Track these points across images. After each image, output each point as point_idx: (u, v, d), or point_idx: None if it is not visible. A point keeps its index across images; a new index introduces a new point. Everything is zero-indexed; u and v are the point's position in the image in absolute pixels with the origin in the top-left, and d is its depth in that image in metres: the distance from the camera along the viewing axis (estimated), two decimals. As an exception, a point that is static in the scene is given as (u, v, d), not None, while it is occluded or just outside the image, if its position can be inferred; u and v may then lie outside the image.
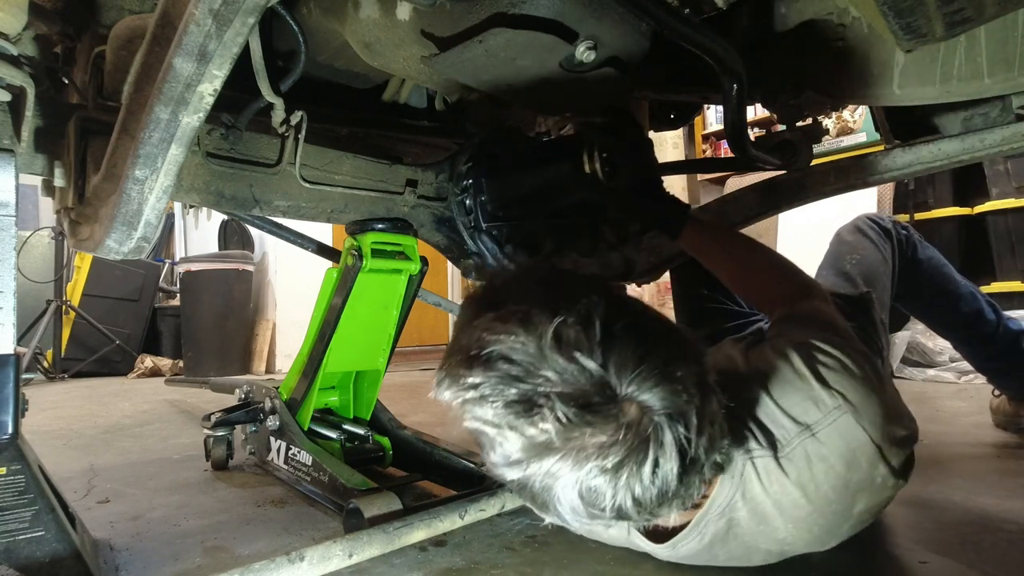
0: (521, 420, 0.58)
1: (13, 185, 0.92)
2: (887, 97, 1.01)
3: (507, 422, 0.58)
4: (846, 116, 3.80)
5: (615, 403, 0.58)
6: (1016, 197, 3.31)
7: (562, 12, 0.73)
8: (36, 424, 2.26)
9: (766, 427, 0.74)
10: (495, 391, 0.59)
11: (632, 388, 0.58)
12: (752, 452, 0.74)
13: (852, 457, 0.72)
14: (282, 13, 0.92)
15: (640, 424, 0.57)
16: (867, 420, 0.72)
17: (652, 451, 0.58)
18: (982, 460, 1.47)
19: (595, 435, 0.57)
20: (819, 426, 0.72)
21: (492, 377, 0.59)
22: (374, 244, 1.24)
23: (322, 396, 1.43)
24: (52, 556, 0.83)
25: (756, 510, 0.74)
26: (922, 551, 0.94)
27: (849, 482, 0.73)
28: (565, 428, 0.57)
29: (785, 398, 0.74)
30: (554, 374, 0.57)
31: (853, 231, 1.49)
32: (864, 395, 0.73)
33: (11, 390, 0.90)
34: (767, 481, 0.73)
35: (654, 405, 0.58)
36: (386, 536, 0.94)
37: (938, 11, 0.66)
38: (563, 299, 0.61)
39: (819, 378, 0.74)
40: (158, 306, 4.85)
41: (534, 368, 0.58)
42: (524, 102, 0.94)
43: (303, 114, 1.04)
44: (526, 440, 0.58)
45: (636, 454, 0.58)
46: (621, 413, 0.57)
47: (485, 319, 0.62)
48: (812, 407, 0.73)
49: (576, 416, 0.56)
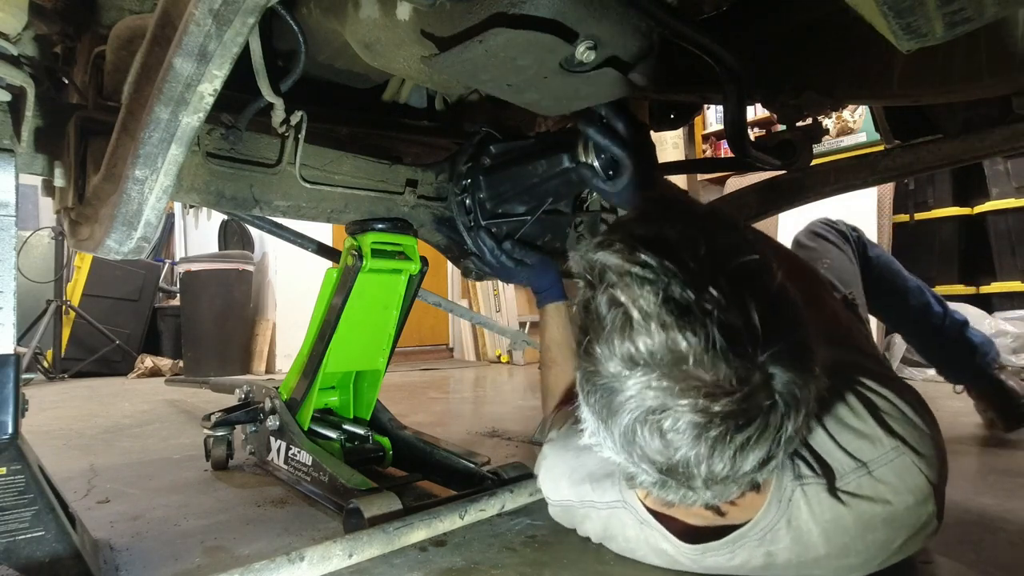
0: (672, 320, 0.56)
1: (13, 185, 0.92)
2: (887, 97, 1.01)
3: (659, 316, 0.56)
4: (846, 116, 3.80)
5: (754, 363, 0.56)
6: (1016, 197, 3.31)
7: (562, 12, 0.73)
8: (36, 424, 2.26)
9: (820, 457, 0.74)
10: (664, 280, 0.56)
11: (772, 359, 0.56)
12: (804, 479, 0.73)
13: (905, 497, 0.72)
14: (282, 13, 0.92)
15: (761, 395, 0.56)
16: (926, 462, 0.73)
17: (755, 427, 0.57)
18: (982, 460, 1.47)
19: (721, 378, 0.55)
20: (875, 464, 0.72)
21: (668, 268, 0.57)
22: (374, 244, 1.24)
23: (322, 396, 1.43)
24: (52, 556, 0.83)
25: (800, 538, 0.74)
26: (923, 551, 0.94)
27: (896, 517, 0.73)
28: (706, 354, 0.55)
29: (841, 435, 0.74)
30: (722, 299, 0.56)
31: (812, 237, 1.50)
32: (922, 438, 0.74)
33: (11, 390, 0.90)
34: (818, 508, 0.73)
35: (780, 387, 0.57)
36: (386, 536, 0.94)
37: (938, 11, 0.66)
38: (746, 242, 0.60)
39: (878, 420, 0.74)
40: (158, 306, 4.85)
41: (705, 283, 0.56)
42: (524, 102, 0.94)
43: (303, 114, 1.04)
44: (663, 342, 0.56)
45: (738, 419, 0.56)
46: (753, 374, 0.56)
47: (674, 219, 0.61)
48: (868, 446, 0.73)
49: (722, 349, 0.55)
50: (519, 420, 2.21)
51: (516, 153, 1.29)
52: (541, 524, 1.08)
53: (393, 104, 1.40)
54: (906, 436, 0.73)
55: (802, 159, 1.20)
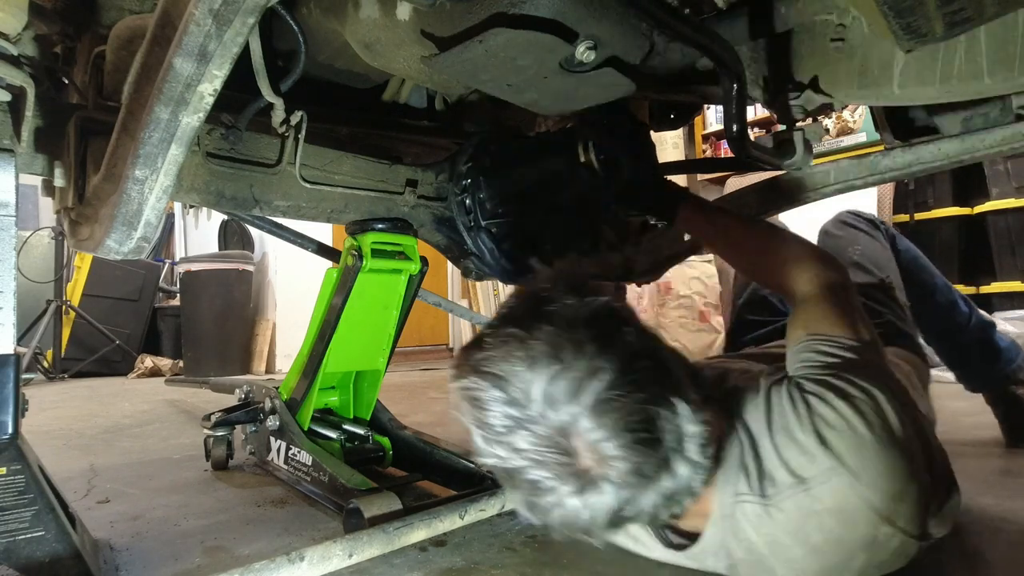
0: (503, 436, 0.67)
1: (13, 185, 0.92)
2: (887, 97, 1.00)
3: (493, 433, 0.67)
4: (846, 116, 3.80)
5: (575, 453, 0.65)
6: (1016, 197, 3.31)
7: (562, 12, 0.73)
8: (36, 424, 2.26)
9: (764, 471, 0.74)
10: (491, 405, 0.67)
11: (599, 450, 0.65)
12: (741, 496, 0.74)
13: (846, 517, 0.70)
14: (282, 13, 0.92)
15: (587, 478, 0.65)
16: (865, 484, 0.69)
17: (592, 498, 0.66)
18: (983, 460, 1.47)
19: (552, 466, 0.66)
20: (813, 483, 0.70)
21: (494, 395, 0.67)
22: (374, 244, 1.24)
23: (322, 396, 1.43)
24: (52, 556, 0.83)
25: (751, 550, 0.74)
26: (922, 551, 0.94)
27: (843, 538, 0.71)
28: (535, 460, 0.66)
29: (785, 448, 0.73)
30: (539, 408, 0.65)
31: (841, 226, 1.48)
32: (865, 458, 0.70)
33: (11, 390, 0.90)
34: (757, 525, 0.73)
35: (608, 471, 0.65)
36: (386, 536, 0.94)
37: (938, 11, 0.66)
38: (575, 347, 0.67)
39: (819, 436, 0.71)
40: (158, 306, 4.86)
41: (527, 401, 0.66)
42: (524, 102, 0.94)
43: (303, 114, 1.04)
44: (506, 448, 0.67)
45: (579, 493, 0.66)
46: (578, 462, 0.65)
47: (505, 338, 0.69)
48: (807, 463, 0.71)
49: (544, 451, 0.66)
50: (519, 420, 2.20)
51: (516, 153, 1.29)
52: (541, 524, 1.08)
53: (393, 104, 1.40)
54: (845, 454, 0.70)
55: (802, 159, 1.20)
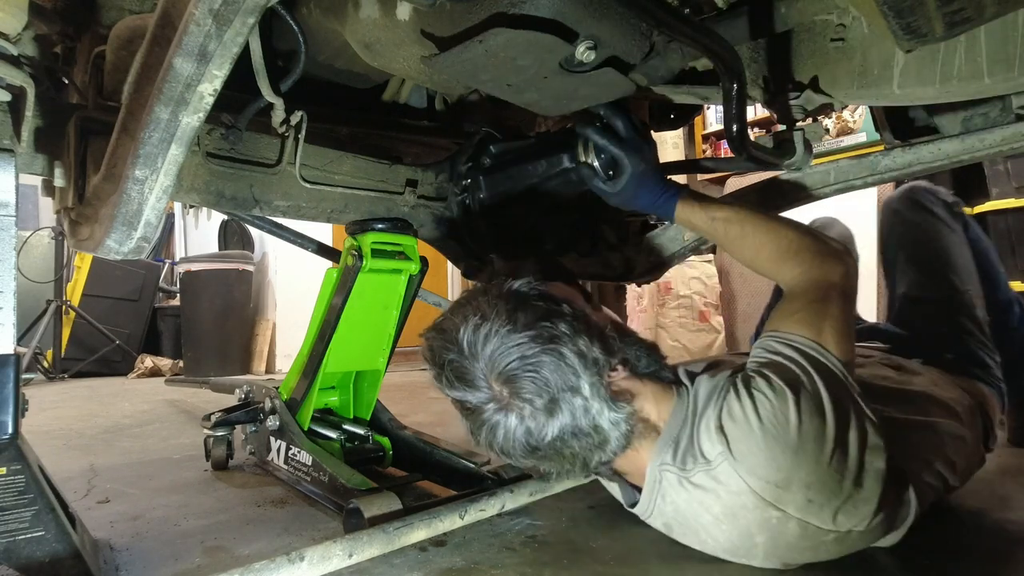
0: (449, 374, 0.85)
1: (13, 185, 0.92)
2: (887, 97, 1.00)
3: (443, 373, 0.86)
4: (846, 116, 3.80)
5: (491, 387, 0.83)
6: (1016, 197, 3.31)
7: (562, 12, 0.73)
8: (36, 424, 2.26)
9: (692, 447, 0.85)
10: (439, 352, 0.86)
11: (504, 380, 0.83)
12: (665, 465, 0.86)
13: (734, 496, 0.81)
14: (282, 13, 0.92)
15: (505, 401, 0.83)
16: (745, 470, 0.79)
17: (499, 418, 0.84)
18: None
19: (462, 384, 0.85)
20: (713, 464, 0.82)
21: (441, 343, 0.87)
22: (374, 244, 1.24)
23: (322, 396, 1.43)
24: (52, 556, 0.83)
25: (676, 513, 0.88)
26: (922, 551, 0.94)
27: (737, 515, 0.82)
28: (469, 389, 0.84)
29: (702, 432, 0.84)
30: (468, 354, 0.84)
31: (915, 209, 1.35)
32: (749, 447, 0.79)
33: (11, 390, 0.90)
34: (675, 492, 0.86)
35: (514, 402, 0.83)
36: (386, 536, 0.94)
37: (938, 11, 0.66)
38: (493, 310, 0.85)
39: (719, 423, 0.82)
40: (158, 306, 4.85)
41: (462, 346, 0.84)
42: (524, 102, 0.94)
43: (303, 114, 1.04)
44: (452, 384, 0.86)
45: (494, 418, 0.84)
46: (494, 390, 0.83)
47: (453, 307, 0.91)
48: (710, 447, 0.82)
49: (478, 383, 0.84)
50: (519, 420, 2.20)
51: (516, 153, 1.29)
52: (541, 524, 1.08)
53: (393, 104, 1.40)
54: (733, 442, 0.80)
55: (802, 159, 1.20)
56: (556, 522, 1.09)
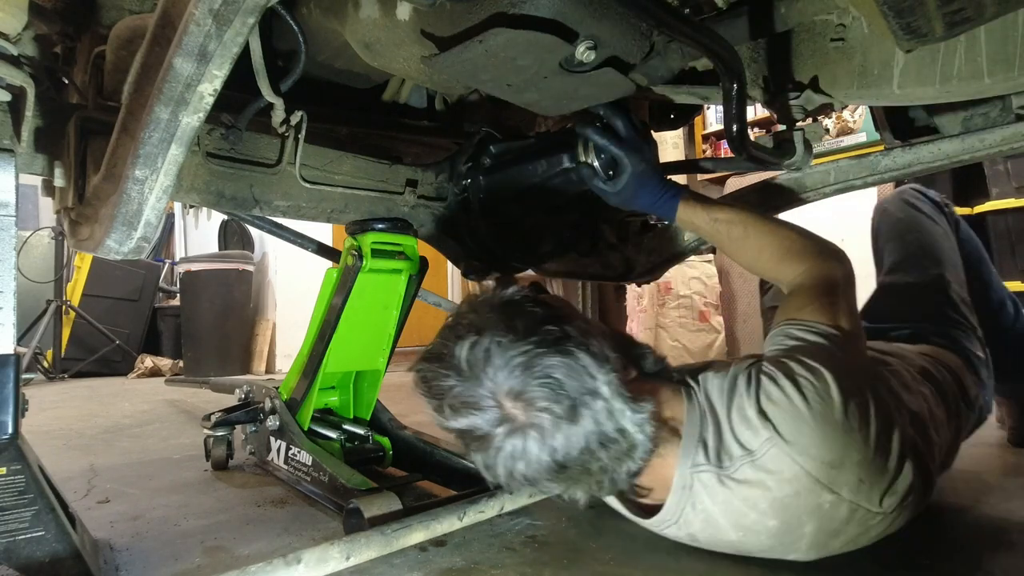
0: (449, 402, 0.80)
1: (13, 185, 0.92)
2: (887, 97, 1.00)
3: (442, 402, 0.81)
4: (846, 116, 3.80)
5: (503, 408, 0.77)
6: (1016, 197, 3.31)
7: (562, 12, 0.73)
8: (36, 424, 2.26)
9: (722, 444, 0.81)
10: (435, 379, 0.81)
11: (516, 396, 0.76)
12: (698, 467, 0.81)
13: (787, 483, 0.77)
14: (282, 13, 0.92)
15: (519, 421, 0.76)
16: (798, 451, 0.76)
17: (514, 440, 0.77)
18: (983, 460, 1.47)
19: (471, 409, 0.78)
20: (758, 453, 0.78)
21: (436, 370, 0.82)
22: (374, 244, 1.24)
23: (322, 396, 1.43)
24: (52, 556, 0.83)
25: (709, 520, 0.83)
26: (922, 552, 0.94)
27: (788, 504, 0.78)
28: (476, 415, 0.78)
29: (737, 424, 0.80)
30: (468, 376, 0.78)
31: (902, 206, 1.44)
32: (800, 428, 0.76)
33: (11, 390, 0.90)
34: (712, 493, 0.81)
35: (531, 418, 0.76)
36: (384, 538, 0.93)
37: (938, 11, 0.66)
38: (488, 324, 0.80)
39: (759, 409, 0.79)
40: (158, 306, 4.85)
41: (459, 367, 0.79)
42: (524, 102, 0.94)
43: (303, 114, 1.04)
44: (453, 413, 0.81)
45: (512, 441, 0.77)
46: (505, 410, 0.77)
47: (443, 328, 0.86)
48: (752, 436, 0.79)
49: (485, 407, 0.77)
50: (519, 420, 2.21)
51: (516, 153, 1.29)
52: (541, 524, 1.08)
53: (393, 104, 1.40)
54: (781, 425, 0.77)
55: (802, 159, 1.20)
56: (556, 522, 1.09)
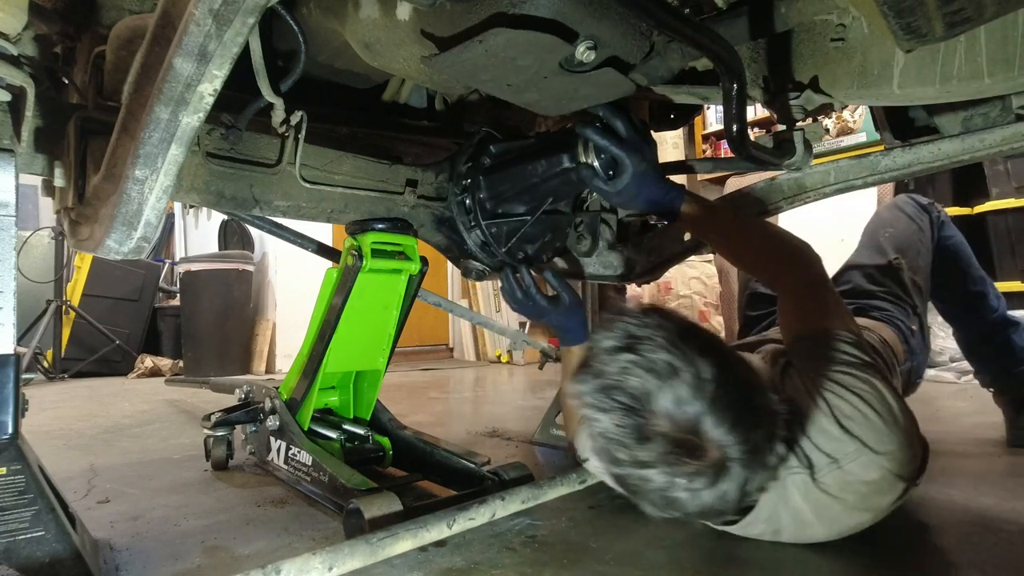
0: (632, 442, 0.76)
1: (13, 185, 0.92)
2: (887, 97, 1.00)
3: (620, 440, 0.77)
4: (846, 116, 3.80)
5: (704, 449, 0.76)
6: (1016, 197, 3.31)
7: (562, 12, 0.73)
8: (36, 424, 2.26)
9: (805, 452, 0.89)
10: (615, 420, 0.77)
11: (722, 437, 0.76)
12: (792, 469, 0.89)
13: (874, 484, 0.87)
14: (282, 13, 0.92)
15: (721, 465, 0.76)
16: (884, 458, 0.86)
17: (723, 484, 0.77)
18: (983, 460, 1.47)
19: (680, 462, 0.75)
20: (844, 461, 0.87)
21: (617, 406, 0.77)
22: (374, 244, 1.24)
23: (322, 396, 1.43)
24: (52, 556, 0.83)
25: (797, 516, 0.91)
26: (923, 550, 0.94)
27: (872, 501, 0.89)
28: (665, 458, 0.76)
29: (817, 437, 0.89)
30: (664, 417, 0.76)
31: (890, 208, 1.65)
32: (881, 438, 0.86)
33: (11, 390, 0.90)
34: (804, 492, 0.89)
35: (733, 455, 0.76)
36: (369, 547, 0.90)
37: (938, 11, 0.66)
38: (683, 356, 0.77)
39: (841, 426, 0.87)
40: (158, 306, 4.85)
41: (650, 408, 0.76)
42: (524, 102, 0.94)
43: (303, 114, 1.04)
44: (632, 455, 0.77)
45: (713, 483, 0.77)
46: (707, 455, 0.76)
47: (623, 356, 0.79)
48: (837, 447, 0.87)
49: (675, 453, 0.75)
50: (519, 420, 2.21)
51: (516, 153, 1.29)
52: (541, 524, 1.08)
53: (393, 104, 1.40)
54: (864, 437, 0.87)
55: (802, 159, 1.20)
56: (556, 522, 1.09)
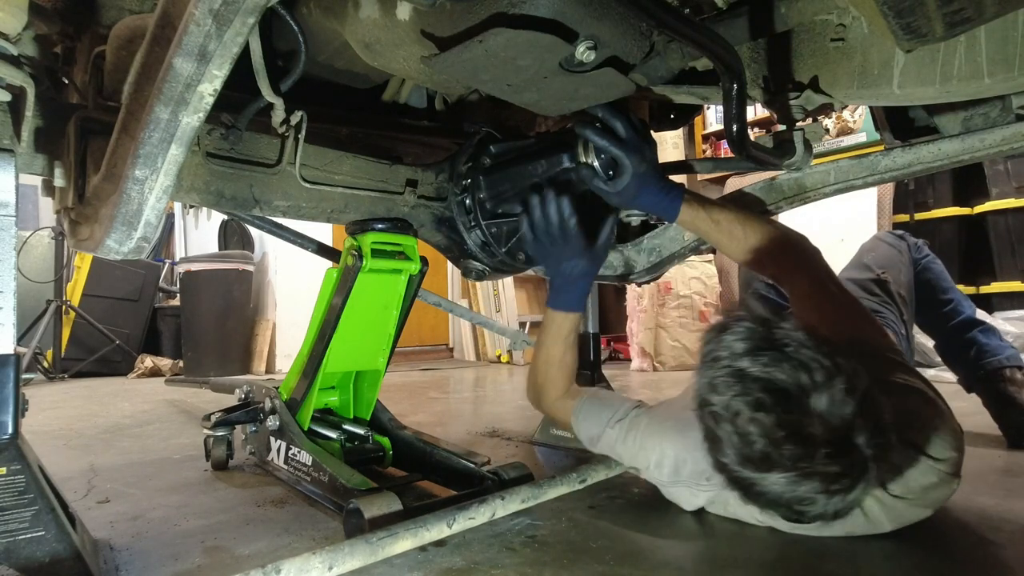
0: (789, 444, 0.76)
1: (13, 185, 0.92)
2: (887, 97, 1.00)
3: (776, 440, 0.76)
4: (846, 116, 3.80)
5: (853, 450, 0.76)
6: (1016, 197, 3.31)
7: (562, 12, 0.73)
8: (36, 424, 2.26)
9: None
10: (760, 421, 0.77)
11: (865, 443, 0.76)
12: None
13: (932, 483, 0.94)
14: (282, 13, 0.92)
15: (862, 467, 0.77)
16: (940, 464, 0.93)
17: (859, 488, 0.78)
18: (982, 459, 1.47)
19: (830, 465, 0.76)
20: (904, 468, 0.91)
21: (776, 406, 0.77)
22: (374, 244, 1.24)
23: (322, 396, 1.43)
24: (52, 556, 0.83)
25: (873, 520, 0.96)
26: (922, 550, 0.94)
27: (927, 498, 0.96)
28: (820, 460, 0.75)
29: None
30: (818, 418, 0.76)
31: (871, 240, 1.88)
32: (938, 443, 0.93)
33: (11, 390, 0.90)
34: (878, 499, 0.93)
35: (872, 457, 0.77)
36: (369, 547, 0.90)
37: (938, 11, 0.66)
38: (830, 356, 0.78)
39: (903, 439, 0.87)
40: (158, 306, 4.86)
41: (805, 409, 0.76)
42: (524, 102, 0.94)
43: (303, 114, 1.04)
44: (786, 454, 0.76)
45: (852, 485, 0.77)
46: (853, 456, 0.77)
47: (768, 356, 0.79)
48: (897, 455, 0.87)
49: (829, 455, 0.75)
50: (519, 420, 2.21)
51: (516, 153, 1.29)
52: (541, 524, 1.08)
53: (393, 104, 1.40)
54: (922, 444, 0.92)
55: (802, 159, 1.20)
56: (556, 522, 1.09)
